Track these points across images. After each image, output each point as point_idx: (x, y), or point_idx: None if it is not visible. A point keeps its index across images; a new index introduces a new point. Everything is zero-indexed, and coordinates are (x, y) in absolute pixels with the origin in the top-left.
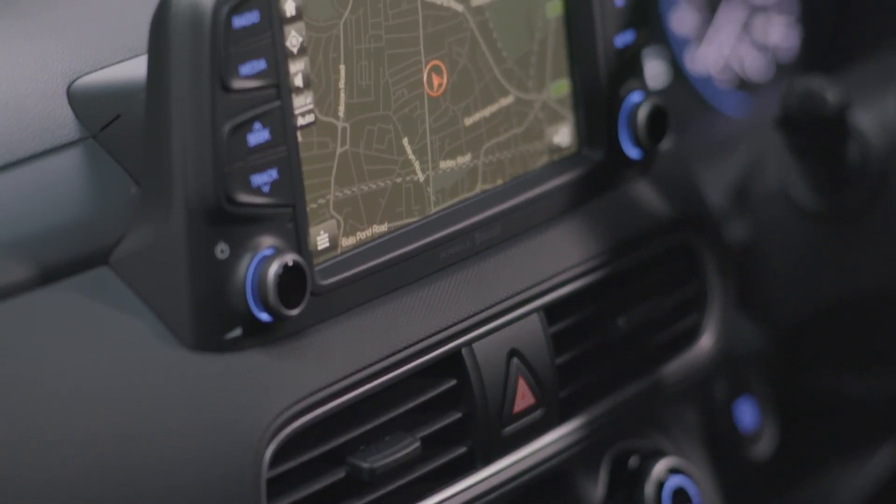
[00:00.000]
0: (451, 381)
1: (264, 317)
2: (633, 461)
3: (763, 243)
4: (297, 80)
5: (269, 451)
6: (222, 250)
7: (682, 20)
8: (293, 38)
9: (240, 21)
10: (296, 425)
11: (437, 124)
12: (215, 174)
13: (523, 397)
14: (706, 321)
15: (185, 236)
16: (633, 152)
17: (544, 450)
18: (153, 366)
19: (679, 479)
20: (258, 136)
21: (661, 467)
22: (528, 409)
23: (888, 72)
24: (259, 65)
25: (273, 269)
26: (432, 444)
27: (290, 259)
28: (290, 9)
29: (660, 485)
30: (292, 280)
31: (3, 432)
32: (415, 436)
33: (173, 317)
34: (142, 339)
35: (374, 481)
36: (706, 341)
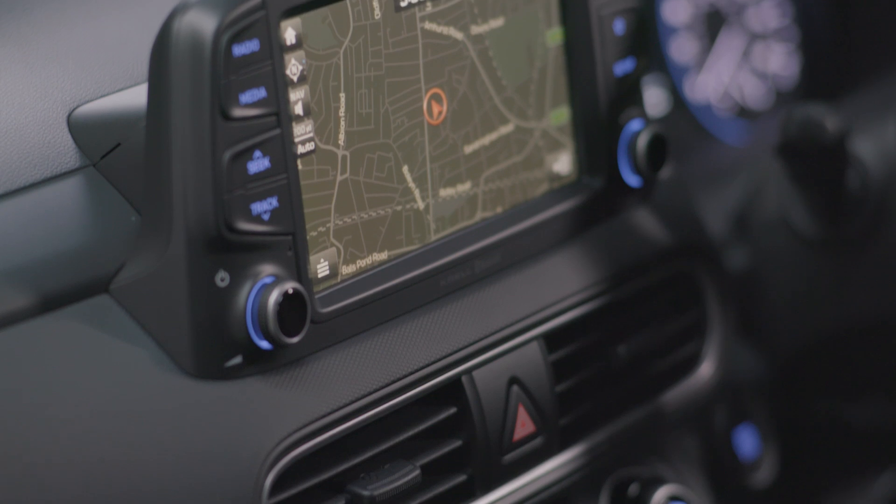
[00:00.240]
0: (452, 409)
1: (264, 344)
2: (634, 489)
3: (763, 271)
4: (298, 109)
5: (269, 479)
6: (222, 278)
7: (681, 48)
8: (293, 67)
9: (240, 49)
10: (296, 453)
11: (437, 152)
12: (215, 202)
13: (523, 425)
14: (706, 349)
15: (186, 264)
16: (632, 180)
17: (544, 477)
18: (153, 393)
19: None
20: (258, 164)
21: (661, 495)
22: (529, 437)
23: (887, 100)
24: (259, 93)
25: (273, 297)
26: (432, 472)
27: (291, 287)
28: (290, 37)
29: None
30: (292, 308)
31: (4, 459)
32: (415, 463)
33: (174, 344)
34: (142, 366)
35: None
36: (706, 369)
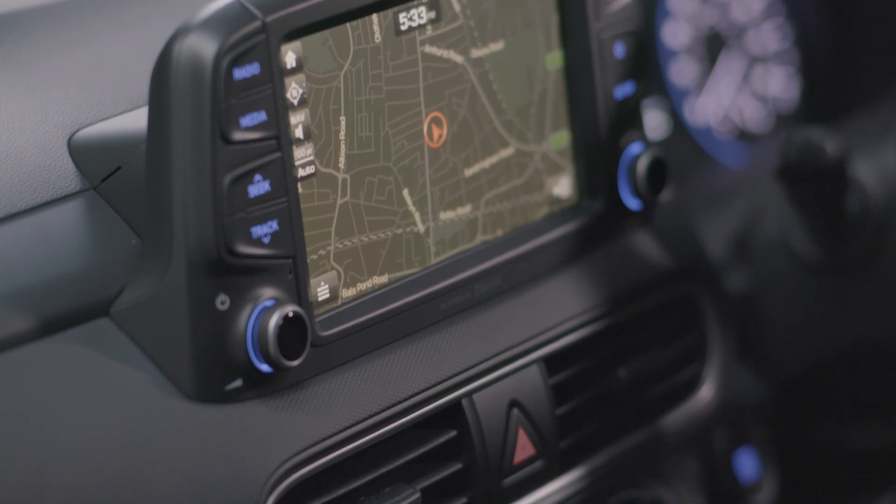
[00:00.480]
0: (452, 432)
1: (265, 368)
2: None
3: (763, 294)
4: (298, 132)
5: (270, 503)
6: (223, 301)
7: (681, 71)
8: (294, 90)
9: (240, 73)
10: (296, 476)
11: (438, 175)
12: (216, 226)
13: (523, 448)
14: (706, 372)
15: (186, 287)
16: (632, 203)
17: (545, 501)
18: (154, 417)
19: None
20: (259, 187)
21: None
22: (529, 460)
23: (887, 123)
24: (259, 116)
25: (273, 321)
26: (433, 495)
27: (291, 310)
28: (290, 60)
29: None
30: (293, 331)
31: (5, 481)
32: (415, 487)
33: (174, 368)
34: (143, 390)
35: None
36: (706, 392)
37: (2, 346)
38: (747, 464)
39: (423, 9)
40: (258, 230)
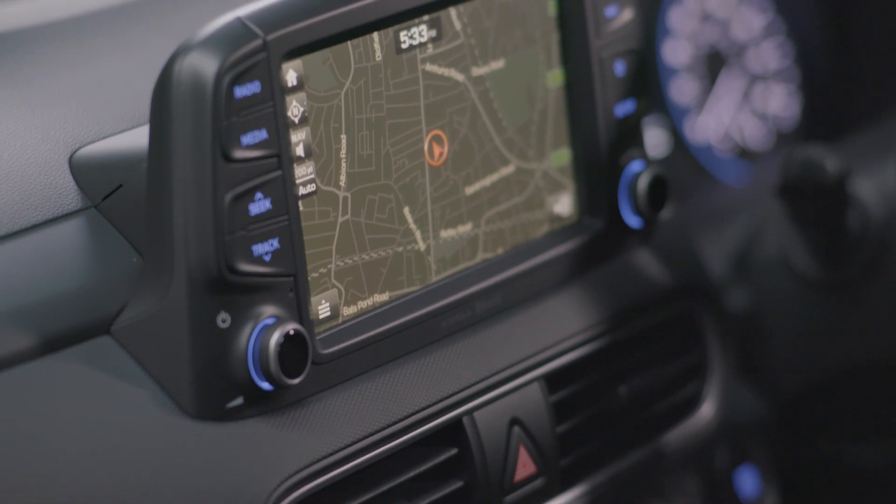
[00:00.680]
0: (452, 450)
1: (266, 386)
2: None
3: (764, 312)
4: (299, 150)
5: None
6: (224, 319)
7: (681, 89)
8: (294, 108)
9: (241, 91)
10: (297, 494)
11: (438, 193)
12: (217, 244)
13: (524, 466)
14: (707, 389)
15: (187, 306)
16: (633, 221)
17: None
18: (155, 435)
19: None
20: (259, 205)
21: None
22: (529, 478)
23: (888, 141)
24: (260, 135)
25: (274, 339)
26: None
27: (292, 328)
28: (291, 79)
29: None
30: (293, 349)
31: (7, 499)
32: None
33: (175, 386)
34: (144, 408)
35: None
36: (707, 410)
37: (3, 363)
38: (748, 481)
39: (423, 27)
40: (259, 248)
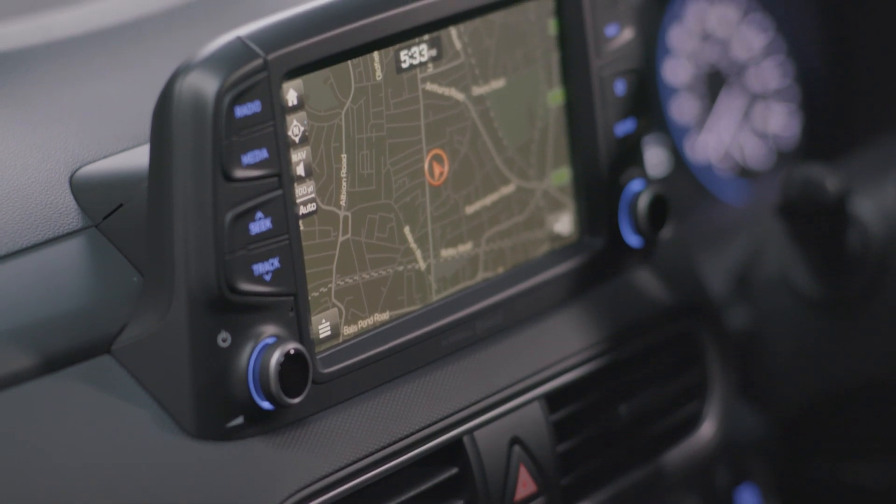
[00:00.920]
0: (453, 469)
1: (266, 405)
2: None
3: (764, 331)
4: (299, 170)
5: None
6: (224, 339)
7: (682, 108)
8: (295, 128)
9: (242, 111)
10: None
11: (439, 213)
12: (217, 263)
13: (525, 485)
14: (707, 409)
15: (187, 325)
16: (633, 240)
17: None
18: (156, 454)
19: None
20: (260, 224)
21: None
22: (530, 497)
23: (887, 160)
24: (261, 154)
25: (275, 358)
26: None
27: (292, 348)
28: (291, 98)
29: None
30: (294, 369)
31: None
32: None
33: (175, 405)
34: (144, 427)
35: None
36: (707, 429)
37: (4, 383)
38: (748, 500)
39: (424, 46)
40: (259, 267)
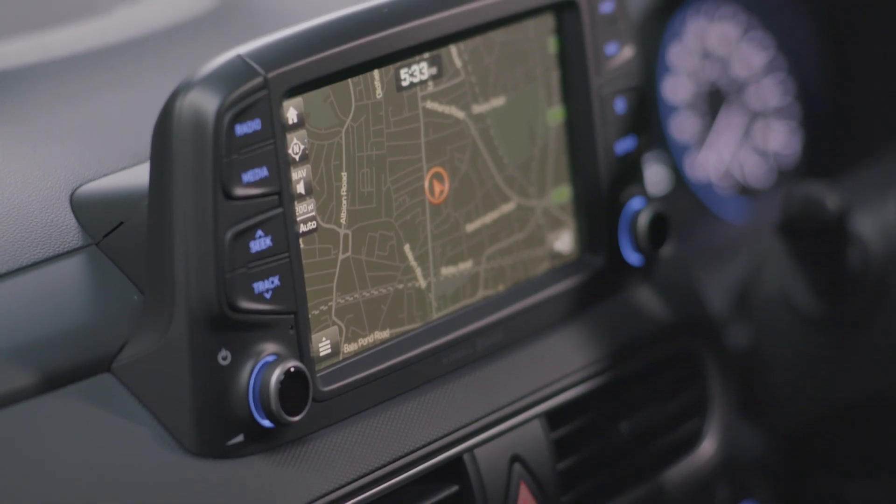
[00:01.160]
0: (453, 487)
1: (266, 423)
2: None
3: (764, 349)
4: (300, 188)
5: None
6: (224, 357)
7: (682, 126)
8: (295, 146)
9: (242, 129)
10: None
11: (439, 231)
12: (217, 281)
13: (525, 503)
14: (708, 426)
15: (188, 343)
16: (634, 258)
17: None
18: (156, 472)
19: None
20: (260, 243)
21: None
22: None
23: (888, 178)
24: (261, 172)
25: (275, 376)
26: None
27: (292, 366)
28: (292, 116)
29: None
30: (294, 387)
31: None
32: None
33: (176, 423)
34: (145, 445)
35: None
36: (708, 446)
37: (4, 401)
38: None
39: (424, 65)
40: (260, 286)
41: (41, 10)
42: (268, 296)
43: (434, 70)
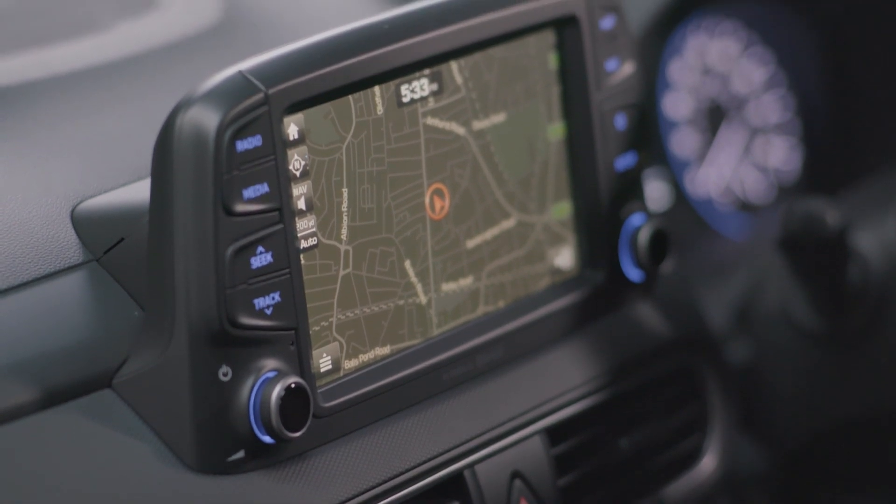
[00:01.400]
0: (454, 503)
1: (267, 439)
2: None
3: (764, 365)
4: (300, 204)
5: None
6: (225, 373)
7: (682, 143)
8: (296, 162)
9: (243, 145)
10: None
11: (439, 247)
12: (218, 297)
13: None
14: (708, 442)
15: (188, 359)
16: (634, 274)
17: None
18: (157, 488)
19: None
20: (261, 259)
21: None
22: None
23: (888, 194)
24: (262, 188)
25: (276, 392)
26: None
27: (293, 382)
28: (292, 132)
29: None
30: (295, 403)
31: None
32: None
33: (176, 439)
34: (145, 461)
35: None
36: (708, 462)
37: (4, 417)
38: None
39: (425, 81)
40: (260, 302)
41: (42, 26)
42: (268, 312)
43: (435, 86)
